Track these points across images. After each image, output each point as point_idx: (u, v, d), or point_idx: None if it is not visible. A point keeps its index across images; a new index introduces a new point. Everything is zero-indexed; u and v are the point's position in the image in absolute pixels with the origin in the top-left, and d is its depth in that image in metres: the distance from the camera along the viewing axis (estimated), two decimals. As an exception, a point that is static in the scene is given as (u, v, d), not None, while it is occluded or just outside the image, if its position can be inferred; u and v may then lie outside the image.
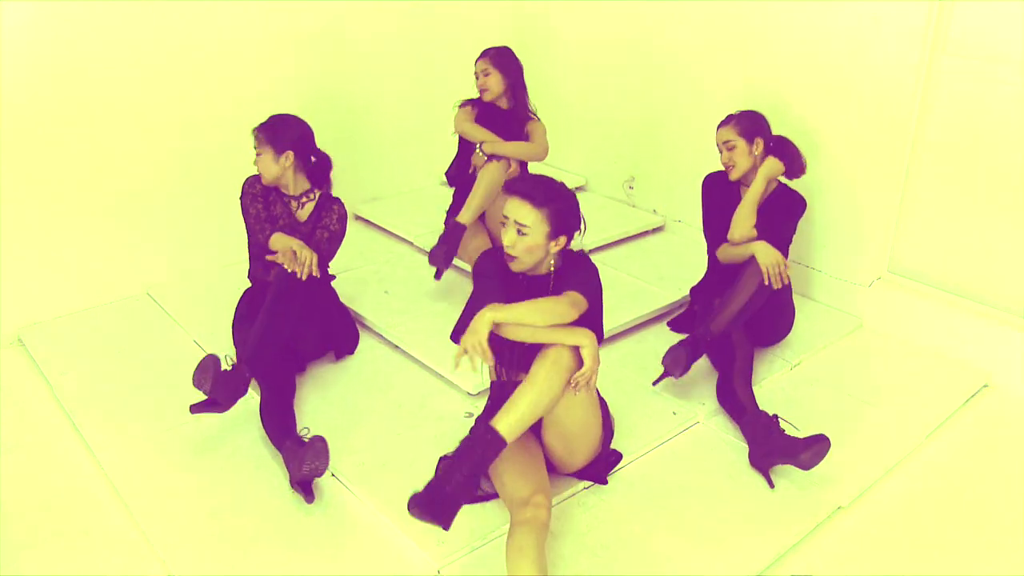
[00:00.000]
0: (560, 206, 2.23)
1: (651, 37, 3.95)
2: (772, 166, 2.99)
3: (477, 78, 3.53)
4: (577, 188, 4.53)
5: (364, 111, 4.16)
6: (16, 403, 2.92)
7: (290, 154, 2.83)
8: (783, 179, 3.09)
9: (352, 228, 4.09)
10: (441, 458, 2.39)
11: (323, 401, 2.84)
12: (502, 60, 3.50)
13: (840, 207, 3.40)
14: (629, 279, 3.59)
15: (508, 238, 2.22)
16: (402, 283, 3.56)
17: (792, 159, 3.05)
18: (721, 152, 3.05)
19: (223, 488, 2.46)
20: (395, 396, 2.88)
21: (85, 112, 3.31)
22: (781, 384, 2.99)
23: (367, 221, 4.18)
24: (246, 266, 3.00)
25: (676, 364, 2.77)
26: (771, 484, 2.49)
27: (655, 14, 3.89)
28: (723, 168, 3.07)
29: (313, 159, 2.95)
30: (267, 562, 2.20)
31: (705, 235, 3.18)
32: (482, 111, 3.56)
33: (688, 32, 3.77)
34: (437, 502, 1.98)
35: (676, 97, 3.94)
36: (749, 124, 3.02)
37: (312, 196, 2.93)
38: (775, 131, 3.09)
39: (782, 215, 3.03)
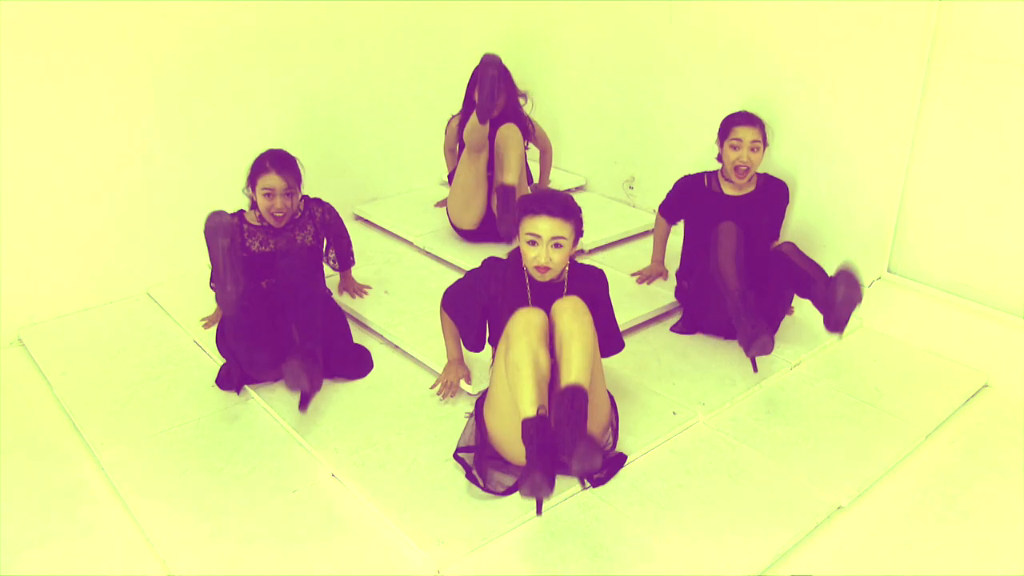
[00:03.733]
0: (579, 215, 2.45)
1: (651, 37, 3.95)
2: None
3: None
4: (577, 188, 4.53)
5: (363, 110, 4.16)
6: (16, 403, 2.92)
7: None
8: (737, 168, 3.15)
9: (352, 228, 4.10)
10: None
11: (323, 400, 2.83)
12: (507, 75, 3.58)
13: (840, 207, 3.40)
14: (629, 279, 3.59)
15: (543, 255, 2.37)
16: (402, 283, 3.56)
17: None
18: (738, 149, 3.07)
19: (223, 488, 2.46)
20: (395, 396, 2.88)
21: (85, 111, 3.31)
22: (781, 384, 2.99)
23: (367, 221, 4.18)
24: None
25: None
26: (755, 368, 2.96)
27: (655, 14, 3.89)
28: (732, 165, 3.10)
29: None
30: (267, 562, 2.20)
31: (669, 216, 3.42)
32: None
33: (688, 32, 3.77)
34: (545, 468, 2.10)
35: (676, 97, 3.94)
36: (765, 129, 3.11)
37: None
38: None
39: (781, 207, 3.26)
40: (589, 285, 2.54)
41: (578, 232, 2.45)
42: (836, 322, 2.77)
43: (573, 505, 2.39)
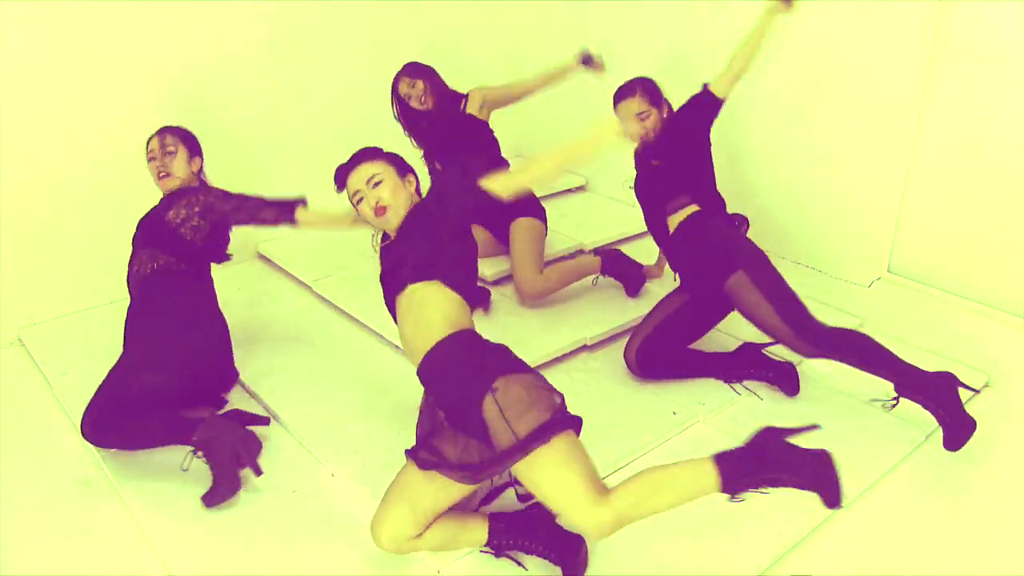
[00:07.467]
0: (388, 153, 2.31)
1: (652, 36, 3.95)
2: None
3: (409, 99, 3.47)
4: (577, 188, 4.53)
5: (359, 114, 4.16)
6: (16, 403, 2.92)
7: (199, 162, 2.83)
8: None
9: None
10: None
11: (323, 400, 2.84)
12: (420, 68, 3.50)
13: (840, 207, 3.40)
14: (629, 279, 3.59)
15: (370, 201, 2.23)
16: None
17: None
18: (631, 126, 2.90)
19: (223, 488, 2.46)
20: (395, 396, 2.87)
21: (85, 112, 3.32)
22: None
23: (367, 221, 4.17)
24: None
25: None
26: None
27: (654, 14, 3.89)
28: (636, 142, 2.95)
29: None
30: (267, 562, 2.20)
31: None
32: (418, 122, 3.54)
33: (688, 31, 3.77)
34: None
35: (676, 97, 3.93)
36: (653, 89, 2.95)
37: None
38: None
39: (685, 121, 2.94)
40: (426, 220, 2.22)
41: (399, 167, 2.30)
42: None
43: (573, 505, 2.39)
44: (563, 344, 3.11)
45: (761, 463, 1.92)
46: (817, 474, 1.91)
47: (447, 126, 3.54)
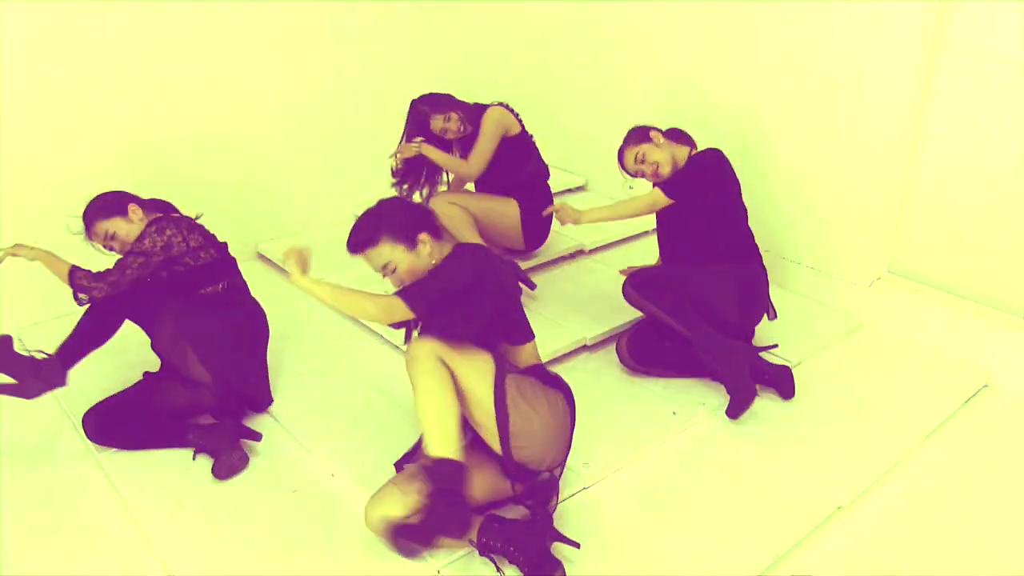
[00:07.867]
0: (390, 222, 2.23)
1: (650, 38, 3.95)
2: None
3: (446, 134, 3.44)
4: (577, 188, 4.53)
5: (361, 116, 4.16)
6: (16, 403, 2.91)
7: (136, 207, 2.64)
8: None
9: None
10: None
11: (322, 400, 2.84)
12: (443, 100, 3.46)
13: (840, 207, 3.40)
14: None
15: (393, 282, 2.30)
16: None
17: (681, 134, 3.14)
18: (642, 174, 3.08)
19: (223, 488, 2.47)
20: (395, 396, 2.88)
21: (85, 112, 3.32)
22: (781, 384, 2.99)
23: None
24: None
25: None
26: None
27: (654, 15, 3.89)
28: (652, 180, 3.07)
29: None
30: (267, 562, 2.20)
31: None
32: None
33: (688, 31, 3.77)
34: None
35: (677, 97, 3.94)
36: (638, 130, 3.09)
37: None
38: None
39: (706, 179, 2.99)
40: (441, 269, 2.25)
41: (407, 238, 2.23)
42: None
43: (573, 505, 2.39)
44: (563, 344, 3.11)
45: (513, 541, 2.13)
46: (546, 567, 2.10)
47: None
